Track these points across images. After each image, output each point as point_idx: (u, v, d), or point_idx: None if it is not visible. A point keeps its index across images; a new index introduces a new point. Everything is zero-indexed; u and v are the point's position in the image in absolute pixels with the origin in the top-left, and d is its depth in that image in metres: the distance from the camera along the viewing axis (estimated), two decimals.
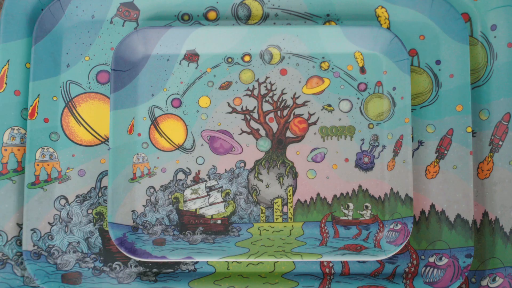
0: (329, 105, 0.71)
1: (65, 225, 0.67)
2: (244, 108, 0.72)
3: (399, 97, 0.70)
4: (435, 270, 0.68)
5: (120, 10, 0.68)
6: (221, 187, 0.71)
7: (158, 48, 0.71)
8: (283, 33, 0.70)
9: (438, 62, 0.70)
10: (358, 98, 0.71)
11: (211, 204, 0.71)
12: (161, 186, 0.69)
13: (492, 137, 0.68)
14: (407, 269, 0.70)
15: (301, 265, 0.71)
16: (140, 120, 0.70)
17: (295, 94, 0.72)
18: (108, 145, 0.68)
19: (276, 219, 0.72)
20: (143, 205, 0.69)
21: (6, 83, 0.67)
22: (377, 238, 0.69)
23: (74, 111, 0.67)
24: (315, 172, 0.71)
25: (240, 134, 0.72)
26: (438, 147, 0.69)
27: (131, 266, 0.67)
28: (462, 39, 0.69)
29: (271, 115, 0.72)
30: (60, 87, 0.68)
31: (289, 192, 0.71)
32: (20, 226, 0.67)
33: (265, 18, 0.72)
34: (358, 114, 0.71)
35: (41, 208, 0.66)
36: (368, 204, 0.71)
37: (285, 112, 0.72)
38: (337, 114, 0.71)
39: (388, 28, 0.72)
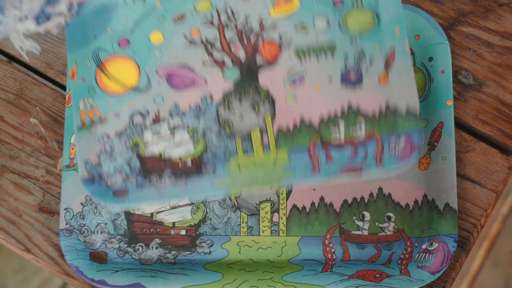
0: (303, 25, 0.59)
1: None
2: (204, 39, 0.60)
3: (384, 9, 0.57)
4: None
5: None
6: (187, 124, 0.58)
7: None
8: None
9: None
10: (335, 17, 0.59)
11: (177, 145, 0.59)
12: (116, 132, 0.59)
13: (430, 139, 0.73)
14: (401, 256, 0.65)
15: (305, 251, 0.65)
16: (83, 65, 0.59)
17: (261, 19, 0.59)
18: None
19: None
20: (97, 154, 0.59)
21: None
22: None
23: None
24: (295, 96, 0.59)
25: (203, 66, 0.59)
26: None
27: (152, 248, 0.69)
28: None
29: (237, 43, 0.59)
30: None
31: (267, 119, 0.58)
32: (82, 204, 0.73)
33: None
34: (337, 31, 0.59)
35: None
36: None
37: (252, 38, 0.60)
38: (313, 34, 0.59)
39: None
